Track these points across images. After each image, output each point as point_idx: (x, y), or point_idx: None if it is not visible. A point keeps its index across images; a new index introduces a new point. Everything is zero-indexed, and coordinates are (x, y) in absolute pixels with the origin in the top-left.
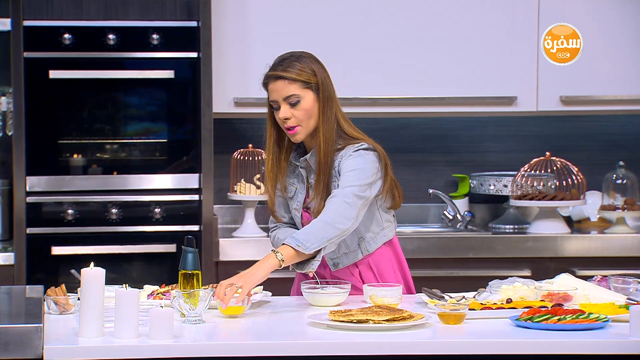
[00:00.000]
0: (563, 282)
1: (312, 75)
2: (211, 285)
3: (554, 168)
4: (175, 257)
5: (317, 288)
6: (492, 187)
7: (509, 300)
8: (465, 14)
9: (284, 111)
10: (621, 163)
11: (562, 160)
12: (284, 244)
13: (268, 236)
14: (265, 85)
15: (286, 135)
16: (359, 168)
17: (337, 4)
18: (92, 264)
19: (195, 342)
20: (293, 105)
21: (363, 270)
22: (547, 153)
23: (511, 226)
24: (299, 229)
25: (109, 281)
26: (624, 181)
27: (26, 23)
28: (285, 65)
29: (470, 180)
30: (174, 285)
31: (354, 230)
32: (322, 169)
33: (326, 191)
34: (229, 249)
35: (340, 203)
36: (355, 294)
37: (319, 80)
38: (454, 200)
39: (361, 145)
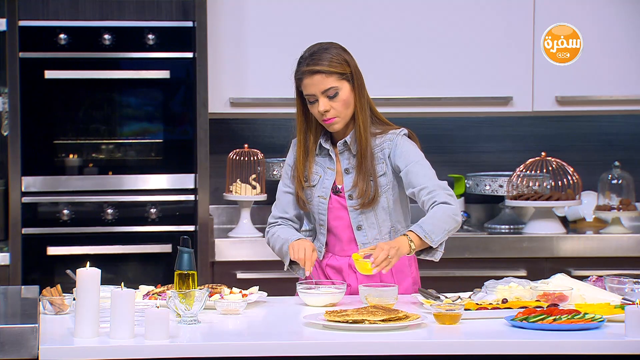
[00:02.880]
0: (558, 282)
1: (345, 65)
2: (207, 285)
3: (550, 168)
4: (171, 257)
5: (313, 288)
6: (487, 187)
7: (504, 301)
8: (460, 15)
9: (323, 104)
10: (616, 163)
11: (558, 160)
12: (411, 230)
13: (267, 228)
14: (299, 80)
15: (313, 125)
16: (423, 156)
17: (333, 4)
18: (87, 264)
19: (191, 343)
20: (332, 97)
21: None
22: (543, 153)
23: (507, 226)
24: (297, 227)
25: (105, 281)
26: (620, 181)
27: (22, 23)
28: (318, 59)
29: (466, 181)
30: (170, 285)
31: (388, 218)
32: (363, 155)
33: (368, 175)
34: (225, 249)
35: (446, 196)
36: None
37: (352, 69)
38: None
39: (402, 130)
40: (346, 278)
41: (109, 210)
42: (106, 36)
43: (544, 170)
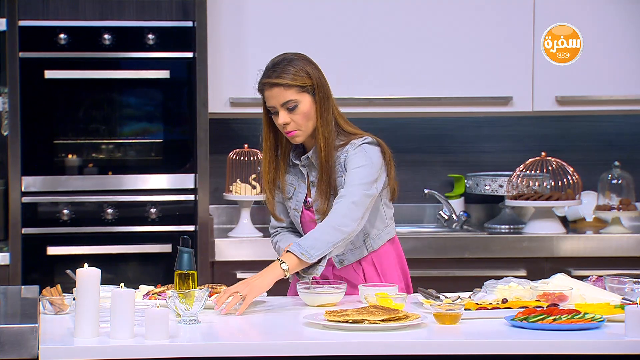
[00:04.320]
0: (558, 282)
1: (307, 78)
2: (207, 285)
3: (550, 168)
4: (171, 257)
5: (313, 288)
6: (487, 187)
7: (504, 300)
8: (460, 15)
9: (283, 117)
10: (616, 163)
11: (558, 160)
12: (288, 251)
13: (270, 238)
14: (261, 91)
15: (283, 138)
16: (365, 164)
17: (333, 4)
18: (86, 264)
19: (190, 343)
20: (291, 110)
21: (366, 268)
22: (543, 153)
23: (507, 226)
24: (299, 231)
25: (105, 281)
26: (620, 181)
27: (22, 23)
28: (279, 71)
29: (465, 181)
30: (170, 285)
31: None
32: (324, 169)
33: (329, 190)
34: (225, 249)
35: (347, 204)
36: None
37: (314, 82)
38: (449, 200)
39: (365, 139)
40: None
41: (109, 210)
42: (106, 36)
43: (544, 170)
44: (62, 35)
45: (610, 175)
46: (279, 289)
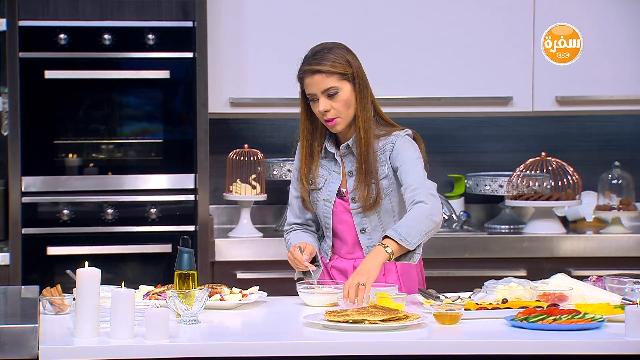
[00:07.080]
0: (558, 282)
1: (347, 66)
2: (207, 285)
3: (550, 168)
4: (171, 257)
5: (313, 288)
6: (487, 187)
7: (504, 301)
8: (461, 15)
9: (324, 104)
10: (616, 163)
11: (558, 160)
12: (386, 236)
13: (285, 235)
14: (301, 79)
15: (319, 127)
16: (420, 157)
17: (333, 4)
18: (87, 264)
19: (190, 343)
20: (331, 97)
21: (387, 265)
22: (543, 153)
23: (507, 226)
24: (313, 229)
25: (105, 281)
26: (620, 181)
27: (22, 23)
28: (320, 58)
29: (465, 181)
30: (170, 285)
31: (393, 221)
32: (363, 157)
33: (370, 178)
34: (225, 249)
35: (428, 196)
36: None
37: (354, 70)
38: (449, 201)
39: (407, 131)
40: None
41: (109, 210)
42: (106, 36)
43: (544, 170)
44: (62, 35)
45: (610, 175)
46: (280, 289)
